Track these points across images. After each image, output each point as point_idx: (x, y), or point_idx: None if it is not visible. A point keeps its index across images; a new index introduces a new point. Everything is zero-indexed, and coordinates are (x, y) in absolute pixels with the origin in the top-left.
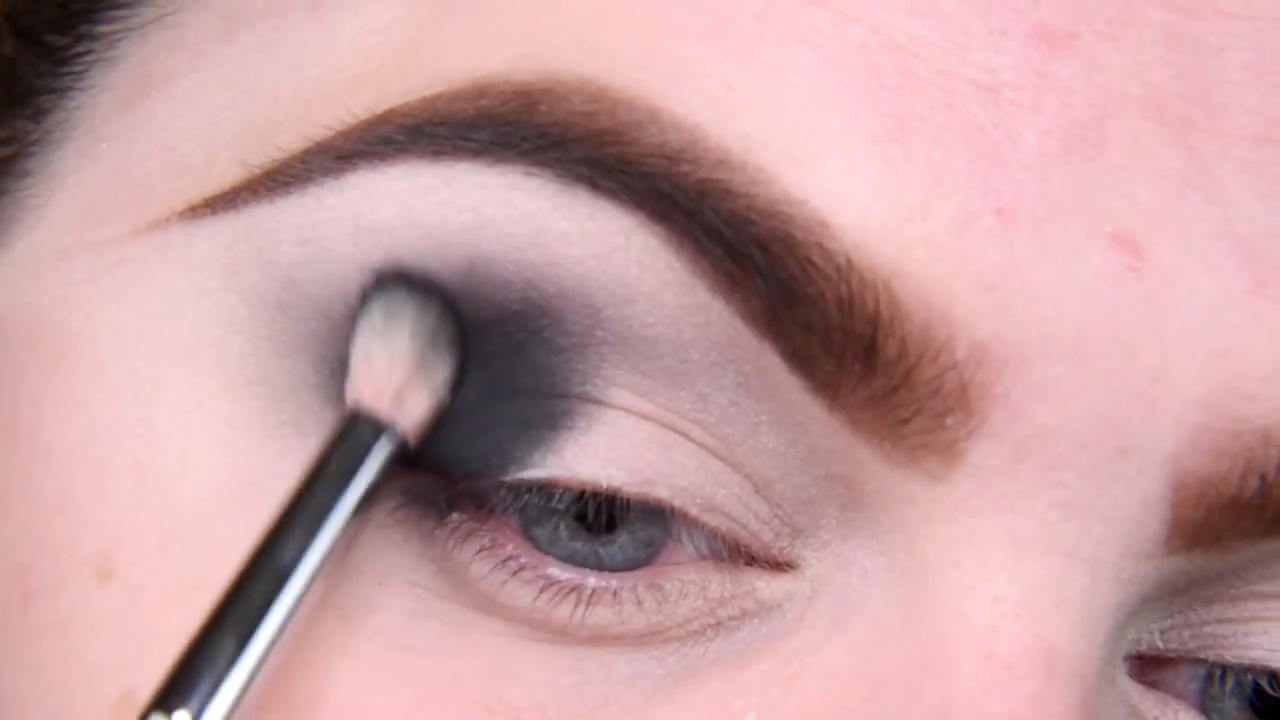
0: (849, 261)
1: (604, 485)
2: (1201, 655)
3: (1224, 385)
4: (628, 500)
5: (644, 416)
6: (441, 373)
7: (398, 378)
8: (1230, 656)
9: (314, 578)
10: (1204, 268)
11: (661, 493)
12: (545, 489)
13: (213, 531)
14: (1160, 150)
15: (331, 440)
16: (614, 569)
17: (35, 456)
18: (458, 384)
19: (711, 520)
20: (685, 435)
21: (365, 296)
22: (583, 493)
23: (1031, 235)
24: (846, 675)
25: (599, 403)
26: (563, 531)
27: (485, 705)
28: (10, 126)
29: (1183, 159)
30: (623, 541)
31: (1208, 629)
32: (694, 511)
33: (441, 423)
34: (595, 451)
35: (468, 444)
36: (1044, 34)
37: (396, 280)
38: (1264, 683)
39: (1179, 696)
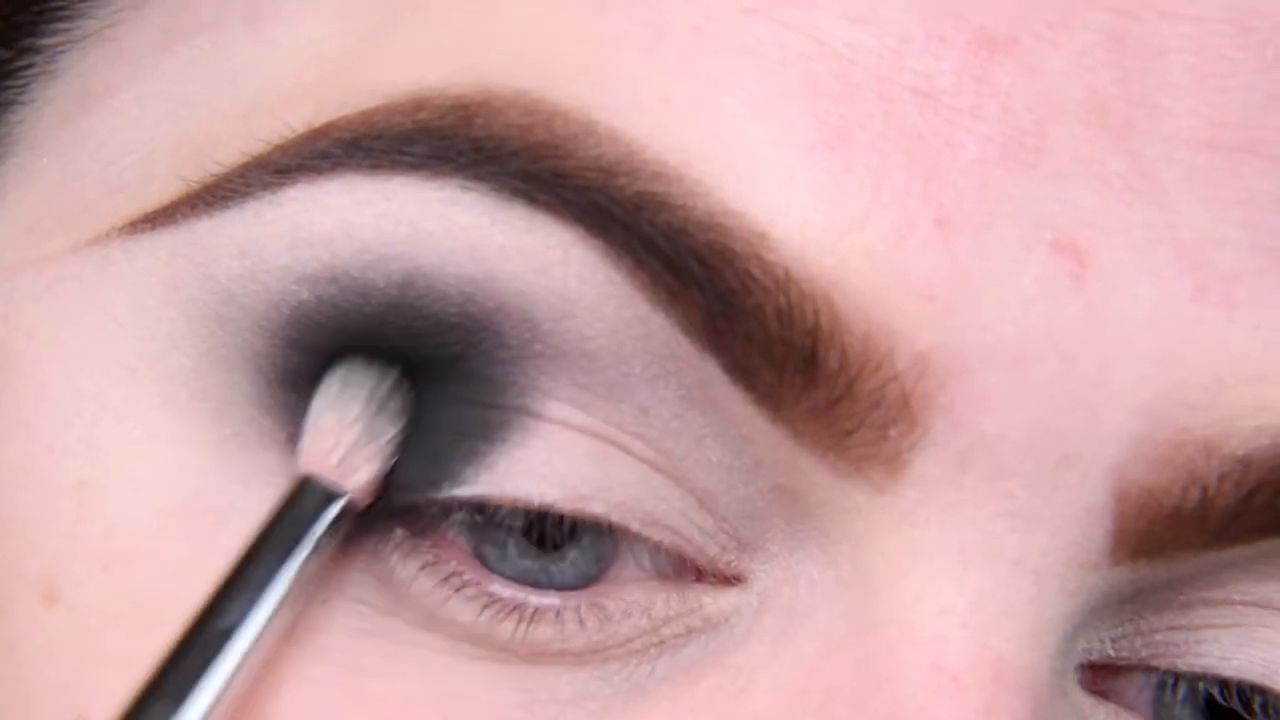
0: (788, 273)
1: (536, 502)
2: (1153, 664)
3: (1165, 394)
4: (561, 516)
5: (581, 430)
6: (388, 435)
7: (346, 443)
8: (1182, 665)
9: (257, 642)
10: (1146, 274)
11: (598, 508)
12: (480, 507)
13: (158, 550)
14: (1102, 155)
15: (281, 505)
16: (564, 587)
17: None
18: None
19: (654, 535)
20: (625, 449)
21: (326, 368)
22: (529, 509)
23: (971, 243)
24: (795, 688)
25: (535, 416)
26: (512, 549)
27: None
28: None
29: (1125, 164)
30: (574, 558)
31: (1159, 637)
32: (635, 526)
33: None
34: (529, 467)
35: (406, 458)
36: (983, 40)
37: (355, 351)
38: (1215, 692)
39: (1131, 707)
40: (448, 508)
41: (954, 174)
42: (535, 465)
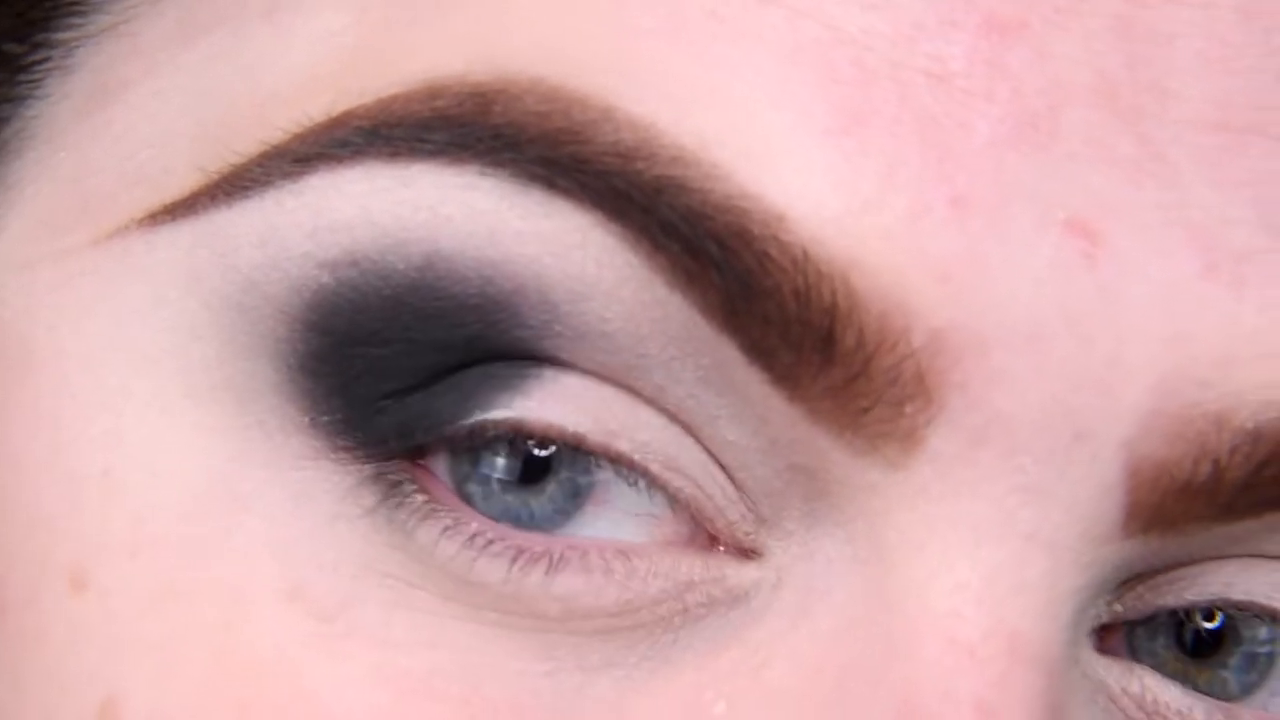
0: (805, 254)
1: (570, 429)
2: (1160, 603)
3: (1176, 370)
4: (591, 450)
5: (607, 378)
6: None
7: None
8: (1190, 595)
9: None
10: (1157, 253)
11: (623, 445)
12: (479, 443)
13: (184, 536)
14: (1112, 138)
15: None
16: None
17: (3, 469)
18: None
19: (675, 481)
20: (649, 403)
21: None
22: (546, 464)
23: (986, 223)
24: (813, 663)
25: (565, 365)
26: (495, 486)
27: (464, 700)
28: None
29: (1135, 146)
30: (551, 492)
31: (1163, 581)
32: (656, 469)
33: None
34: (562, 396)
35: (431, 396)
36: (994, 23)
37: None
38: (1199, 619)
39: (1114, 653)
40: (477, 436)
41: (967, 156)
42: (569, 395)
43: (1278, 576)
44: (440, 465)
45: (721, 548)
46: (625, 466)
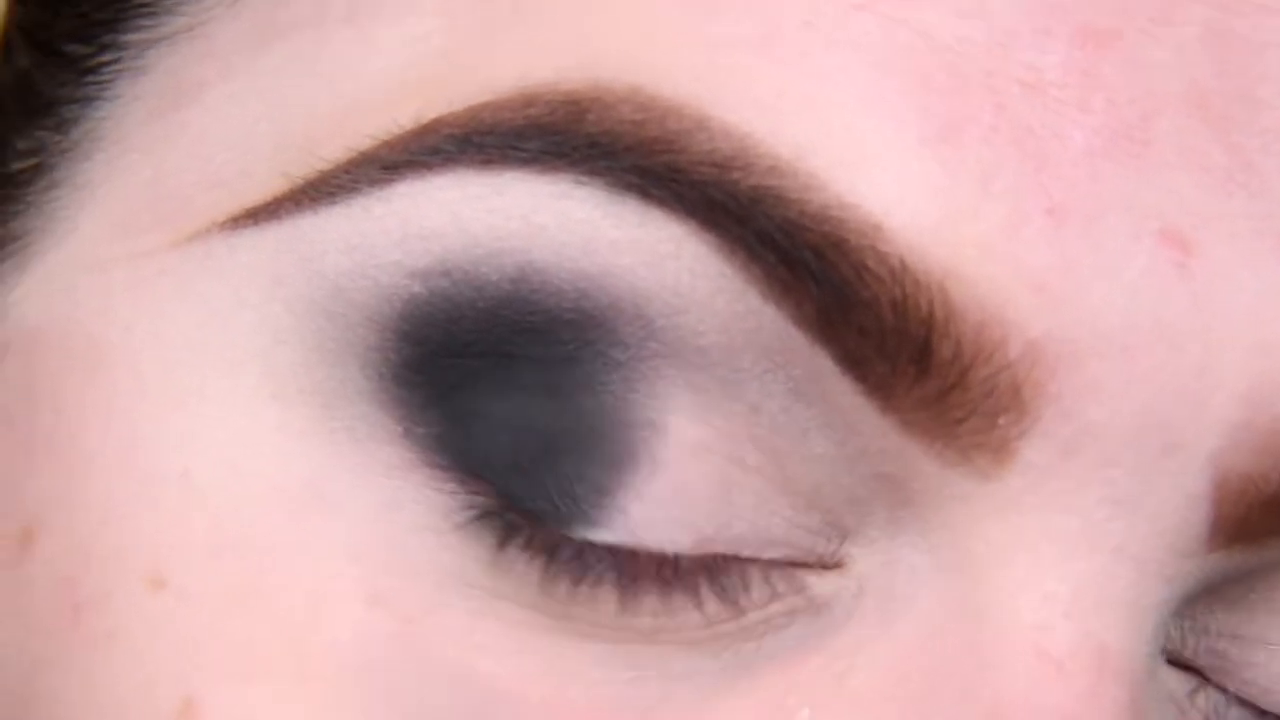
0: (903, 264)
1: (670, 553)
2: (1209, 676)
3: (1265, 381)
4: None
5: (701, 452)
6: None
7: None
8: (1230, 687)
9: None
10: (1248, 263)
11: (719, 548)
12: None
13: (268, 537)
14: (1204, 147)
15: None
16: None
17: (76, 468)
18: None
19: (767, 554)
20: (741, 464)
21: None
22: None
23: (1081, 234)
24: (898, 671)
25: (659, 432)
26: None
27: (546, 703)
28: (33, 137)
29: (1226, 155)
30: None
31: (1221, 645)
32: (749, 552)
33: (501, 439)
34: (659, 514)
35: (529, 479)
36: (1088, 33)
37: None
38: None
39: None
40: (582, 550)
41: (1063, 165)
42: (665, 511)
43: None
44: None
45: (804, 565)
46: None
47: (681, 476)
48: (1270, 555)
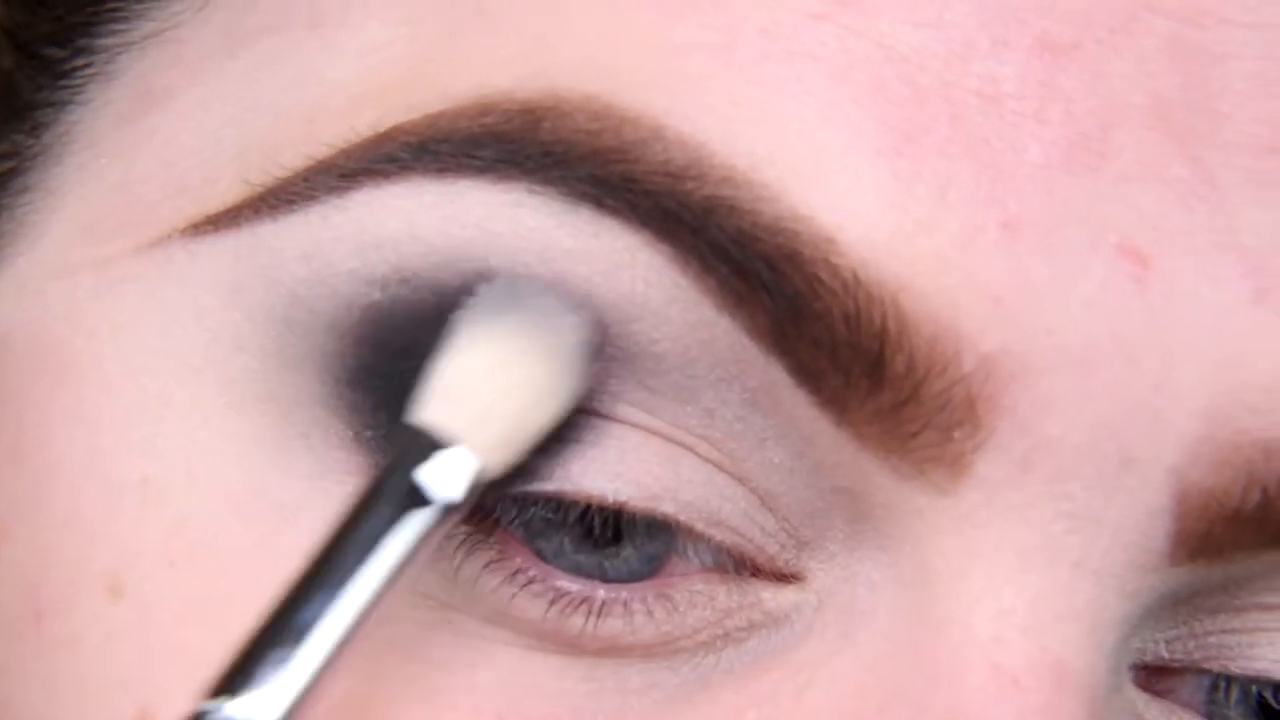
0: (856, 277)
1: (610, 500)
2: (1206, 666)
3: (1226, 396)
4: (633, 514)
5: (650, 432)
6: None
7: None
8: (1235, 668)
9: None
10: (1208, 278)
11: (667, 508)
12: (551, 501)
13: (224, 545)
14: (1165, 160)
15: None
16: (622, 580)
17: (41, 474)
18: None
19: (717, 534)
20: (692, 450)
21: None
22: (588, 506)
23: (1037, 247)
24: (855, 686)
25: (606, 417)
26: (567, 545)
27: (500, 717)
28: (9, 141)
29: (1187, 169)
30: (627, 555)
31: (1212, 639)
32: (699, 526)
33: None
34: (602, 466)
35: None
36: (1047, 44)
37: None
38: (1268, 695)
39: (1186, 705)
40: (522, 502)
41: (1019, 178)
42: (609, 463)
43: None
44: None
45: (761, 576)
46: (670, 526)
47: (626, 443)
48: (1236, 569)
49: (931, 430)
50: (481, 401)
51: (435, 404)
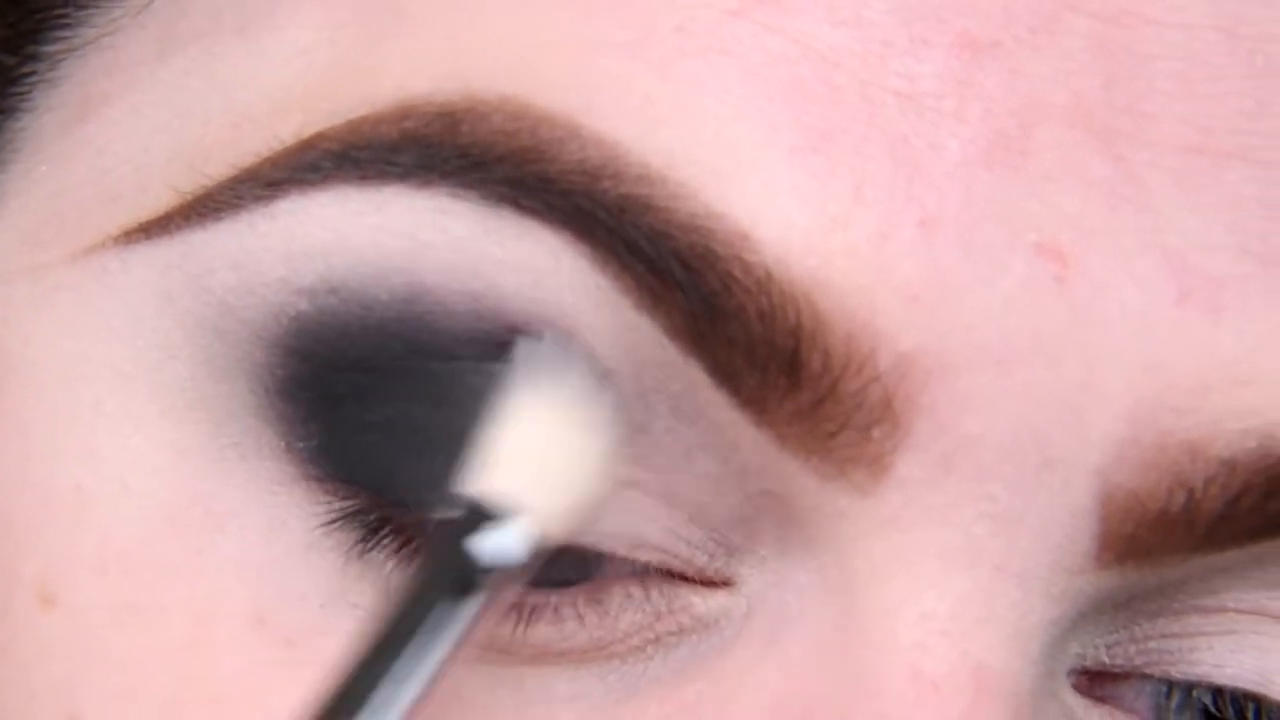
0: (769, 274)
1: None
2: (1148, 671)
3: (1150, 398)
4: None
5: None
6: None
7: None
8: (1176, 673)
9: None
10: (1132, 278)
11: (586, 540)
12: None
13: (154, 554)
14: (1087, 159)
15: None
16: (549, 587)
17: None
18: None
19: (641, 555)
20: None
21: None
22: None
23: (955, 245)
24: (779, 696)
25: None
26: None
27: None
28: None
29: (1110, 168)
30: (559, 564)
31: (1153, 644)
32: (621, 551)
33: (376, 441)
34: None
35: (402, 470)
36: (966, 42)
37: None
38: (1207, 701)
39: (1131, 711)
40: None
41: (937, 175)
42: None
43: (1268, 661)
44: None
45: (689, 582)
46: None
47: None
48: (1168, 572)
49: (850, 430)
50: (542, 470)
51: (496, 472)
